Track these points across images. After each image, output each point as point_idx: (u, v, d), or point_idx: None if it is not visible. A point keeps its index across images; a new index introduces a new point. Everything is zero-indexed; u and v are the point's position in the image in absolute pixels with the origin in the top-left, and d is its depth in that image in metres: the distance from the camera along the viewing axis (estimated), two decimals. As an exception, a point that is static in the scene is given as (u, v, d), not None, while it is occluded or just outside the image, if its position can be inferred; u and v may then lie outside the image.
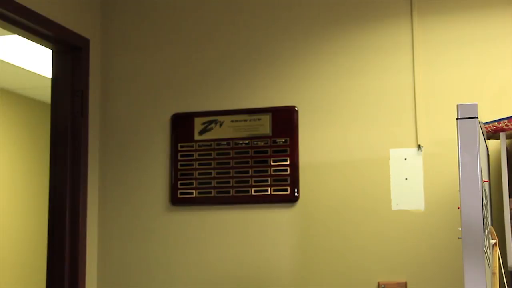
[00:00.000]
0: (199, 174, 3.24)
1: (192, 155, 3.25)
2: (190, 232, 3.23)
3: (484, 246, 1.79)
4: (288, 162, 3.14)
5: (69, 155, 3.20)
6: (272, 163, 3.15)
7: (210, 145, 3.23)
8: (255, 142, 3.19)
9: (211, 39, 3.34)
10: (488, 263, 1.97)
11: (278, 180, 3.13)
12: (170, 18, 3.41)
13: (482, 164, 1.91)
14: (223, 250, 3.17)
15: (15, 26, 2.89)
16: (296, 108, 3.18)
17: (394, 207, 3.00)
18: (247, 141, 3.20)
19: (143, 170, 3.33)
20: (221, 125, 3.24)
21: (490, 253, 2.08)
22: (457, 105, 1.84)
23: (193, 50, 3.35)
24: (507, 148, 2.66)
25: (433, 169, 2.97)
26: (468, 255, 1.74)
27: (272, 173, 3.15)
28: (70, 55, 3.26)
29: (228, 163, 3.20)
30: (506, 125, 2.61)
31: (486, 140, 2.64)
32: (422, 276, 2.92)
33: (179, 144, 3.28)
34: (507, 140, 2.73)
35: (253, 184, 3.16)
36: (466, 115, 1.82)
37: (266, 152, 3.17)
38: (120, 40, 3.46)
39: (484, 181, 1.92)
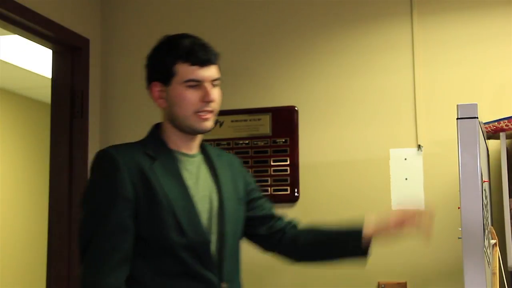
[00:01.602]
0: (199, 174, 3.23)
1: (192, 155, 3.24)
2: (190, 232, 3.22)
3: (484, 246, 1.78)
4: (288, 162, 3.13)
5: (69, 155, 3.19)
6: (272, 163, 3.15)
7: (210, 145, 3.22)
8: (255, 142, 3.19)
9: (210, 40, 3.31)
10: (488, 263, 1.96)
11: (278, 180, 3.13)
12: (170, 18, 3.40)
13: (482, 164, 1.91)
14: (223, 250, 3.17)
15: (15, 26, 2.89)
16: (296, 108, 3.17)
17: (394, 207, 2.99)
18: (247, 141, 3.20)
19: (143, 170, 3.32)
20: (221, 125, 3.24)
21: (490, 253, 2.08)
22: (457, 105, 1.83)
23: (193, 50, 3.34)
24: (507, 148, 2.66)
25: (433, 169, 2.97)
26: (468, 255, 1.74)
27: (272, 173, 3.14)
28: (70, 55, 3.25)
29: (228, 163, 3.19)
30: (506, 125, 2.61)
31: (486, 140, 2.64)
32: (422, 276, 2.92)
33: (179, 144, 3.27)
34: (507, 140, 2.72)
35: (253, 184, 3.15)
36: (466, 115, 1.82)
37: (266, 152, 3.16)
38: (120, 40, 3.45)
39: (484, 181, 1.92)
